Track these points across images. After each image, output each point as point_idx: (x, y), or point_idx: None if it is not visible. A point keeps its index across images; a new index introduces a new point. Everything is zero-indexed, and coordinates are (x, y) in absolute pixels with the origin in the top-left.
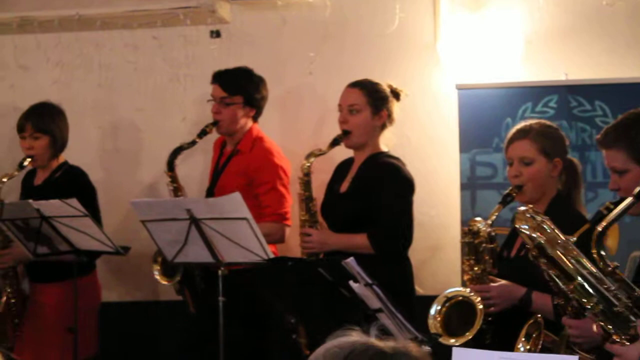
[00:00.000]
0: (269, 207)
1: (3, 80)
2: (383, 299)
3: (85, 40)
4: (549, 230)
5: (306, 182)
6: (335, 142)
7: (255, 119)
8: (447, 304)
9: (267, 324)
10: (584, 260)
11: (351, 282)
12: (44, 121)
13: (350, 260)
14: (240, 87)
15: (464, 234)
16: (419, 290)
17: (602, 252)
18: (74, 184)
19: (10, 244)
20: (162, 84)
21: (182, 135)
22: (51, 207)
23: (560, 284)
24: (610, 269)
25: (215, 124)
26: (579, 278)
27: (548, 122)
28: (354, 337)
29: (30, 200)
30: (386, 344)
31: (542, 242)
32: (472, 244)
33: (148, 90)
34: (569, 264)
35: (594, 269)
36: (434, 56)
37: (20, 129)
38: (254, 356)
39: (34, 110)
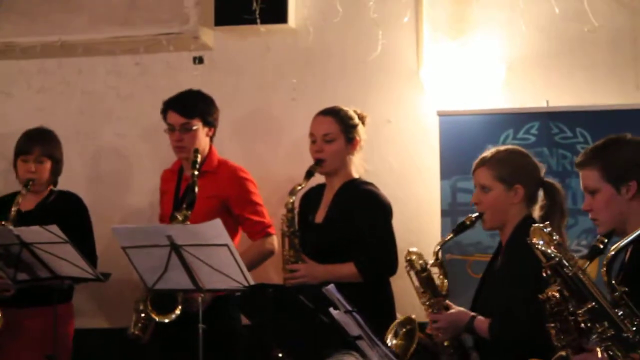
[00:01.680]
0: (257, 225)
1: None
2: (363, 326)
3: (67, 66)
4: (564, 248)
5: (290, 218)
6: (309, 174)
7: (212, 138)
8: (401, 332)
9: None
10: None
11: (331, 309)
12: (51, 146)
13: (331, 287)
14: (198, 109)
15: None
16: (399, 316)
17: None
18: (72, 207)
19: None
20: (144, 110)
21: (165, 161)
22: (31, 233)
23: (569, 305)
24: (617, 294)
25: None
26: (593, 301)
27: (515, 149)
28: None
29: (10, 227)
30: None
31: (560, 258)
32: (415, 273)
33: (130, 117)
34: (586, 285)
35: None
36: (417, 83)
37: (25, 151)
38: None
39: (38, 134)
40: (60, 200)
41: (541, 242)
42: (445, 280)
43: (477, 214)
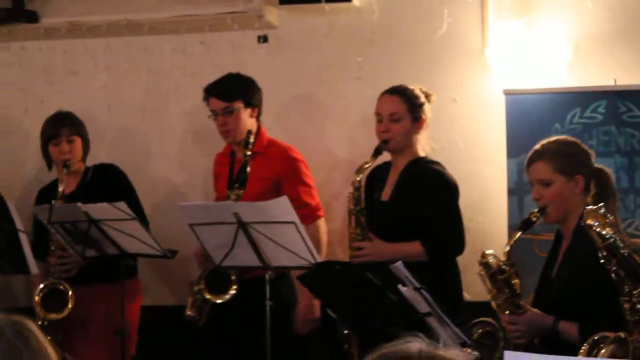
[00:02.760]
0: (306, 207)
1: (52, 85)
2: (432, 302)
3: (133, 45)
4: (618, 229)
5: (357, 196)
6: (377, 152)
7: (258, 118)
8: (475, 333)
9: (315, 331)
10: None
11: (400, 286)
12: (77, 125)
13: (399, 264)
14: (237, 91)
15: (479, 266)
16: (467, 296)
17: None
18: (112, 178)
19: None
20: None
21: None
22: (99, 210)
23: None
24: None
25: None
26: None
27: (567, 139)
28: (418, 344)
29: (79, 204)
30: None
31: (614, 239)
32: (489, 276)
33: (196, 95)
34: None
35: None
36: (482, 61)
37: (54, 135)
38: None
39: (61, 117)
40: (99, 174)
41: (596, 224)
42: (517, 280)
43: (539, 208)
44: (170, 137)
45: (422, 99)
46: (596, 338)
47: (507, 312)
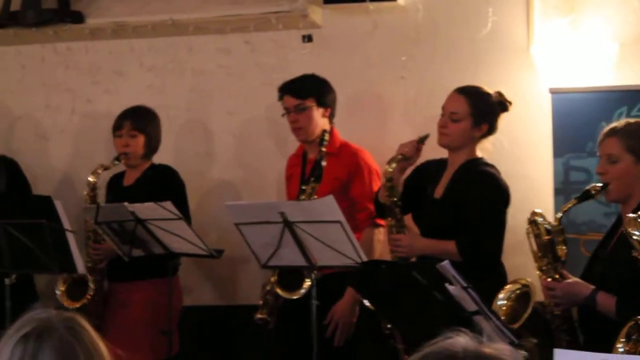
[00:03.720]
0: (365, 211)
1: (98, 85)
2: (479, 301)
3: (178, 45)
4: None
5: (390, 187)
6: (422, 139)
7: (331, 119)
8: (513, 295)
9: (360, 329)
10: None
11: (447, 285)
12: (142, 121)
13: (445, 264)
14: (310, 90)
15: (528, 225)
16: None
17: None
18: (166, 181)
19: (103, 240)
20: (254, 89)
21: (273, 140)
22: (146, 209)
23: None
24: None
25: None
26: None
27: None
28: (464, 340)
29: (126, 203)
30: (496, 351)
31: None
32: (535, 236)
33: (240, 95)
34: None
35: None
36: (528, 60)
37: (118, 127)
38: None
39: (131, 110)
40: (158, 174)
41: (637, 233)
42: (564, 247)
43: (601, 184)
44: (213, 137)
45: (493, 106)
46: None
47: (548, 278)
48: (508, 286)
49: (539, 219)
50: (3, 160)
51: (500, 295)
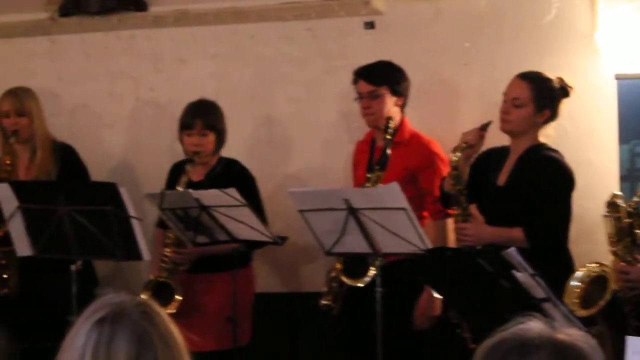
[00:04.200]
0: (438, 202)
1: (160, 73)
2: (547, 289)
3: (240, 32)
4: None
5: (456, 176)
6: (484, 126)
7: (402, 109)
8: (588, 279)
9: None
10: None
11: (515, 272)
12: (212, 118)
13: (512, 251)
14: (385, 77)
15: (606, 207)
16: None
17: None
18: (237, 177)
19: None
20: (316, 76)
21: (336, 127)
22: (210, 196)
23: None
24: None
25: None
26: None
27: None
28: (537, 326)
29: (190, 190)
30: (570, 337)
31: None
32: (613, 219)
33: (302, 82)
34: None
35: None
36: (592, 46)
37: (188, 125)
38: (412, 350)
39: (199, 107)
40: (228, 169)
41: None
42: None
43: None
44: (275, 124)
45: (555, 92)
46: None
47: (622, 262)
48: (584, 267)
49: (619, 201)
50: (60, 146)
51: (576, 275)
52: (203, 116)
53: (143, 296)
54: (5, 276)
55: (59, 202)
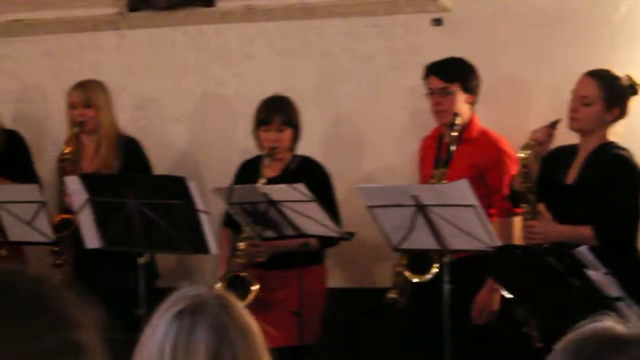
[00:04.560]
0: (507, 201)
1: (228, 69)
2: (620, 287)
3: (307, 28)
4: None
5: (525, 174)
6: (554, 124)
7: (472, 106)
8: None
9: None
10: None
11: (588, 270)
12: (290, 114)
13: (583, 249)
14: (457, 74)
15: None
16: None
17: None
18: (313, 174)
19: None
20: (382, 73)
21: (402, 124)
22: (278, 191)
23: None
24: None
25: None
26: None
27: None
28: (619, 325)
29: (258, 185)
30: None
31: None
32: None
33: (368, 79)
34: None
35: None
36: None
37: (266, 121)
38: (476, 347)
39: (277, 103)
40: (304, 166)
41: None
42: None
43: None
44: (341, 120)
45: (624, 89)
46: None
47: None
48: None
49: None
50: (125, 140)
51: None
52: (281, 112)
53: (218, 287)
54: (58, 262)
55: (128, 196)
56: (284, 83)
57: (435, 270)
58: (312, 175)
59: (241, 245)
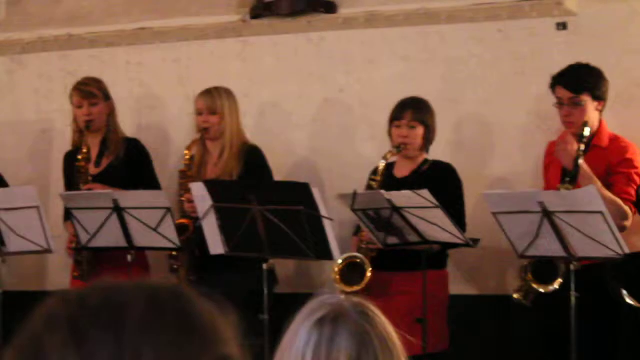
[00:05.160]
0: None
1: (350, 75)
2: None
3: (430, 33)
4: None
5: None
6: None
7: (601, 111)
8: None
9: (618, 320)
10: None
11: None
12: (422, 112)
13: None
14: (586, 84)
15: None
16: None
17: None
18: (445, 178)
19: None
20: (506, 78)
21: (526, 129)
22: (402, 198)
23: None
24: None
25: None
26: None
27: None
28: None
29: (382, 191)
30: None
31: None
32: None
33: (493, 84)
34: None
35: None
36: None
37: (397, 117)
38: (603, 352)
39: (410, 100)
40: (435, 170)
41: None
42: None
43: None
44: (464, 125)
45: None
46: None
47: None
48: None
49: None
50: (248, 148)
51: None
52: (413, 108)
53: (334, 273)
54: (176, 266)
55: (252, 202)
56: (406, 89)
57: (560, 281)
58: (444, 179)
59: (362, 234)
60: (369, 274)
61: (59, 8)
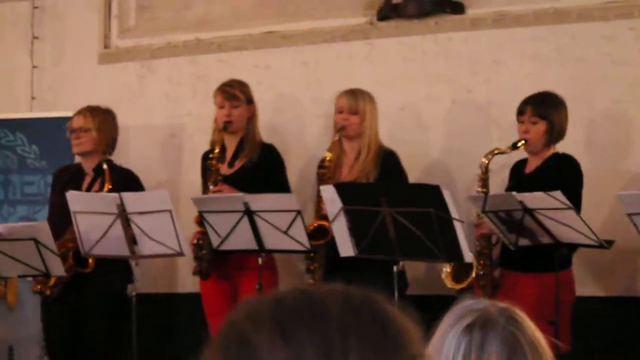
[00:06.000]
0: None
1: (477, 75)
2: None
3: (560, 33)
4: None
5: None
6: None
7: None
8: None
9: None
10: None
11: None
12: (545, 107)
13: None
14: None
15: None
16: None
17: None
18: (567, 173)
19: None
20: (639, 77)
21: None
22: (534, 199)
23: None
24: None
25: None
26: None
27: None
28: None
29: (514, 193)
30: None
31: None
32: None
33: (624, 83)
34: None
35: None
36: None
37: (520, 111)
38: None
39: (535, 96)
40: (560, 162)
41: None
42: None
43: None
44: (598, 126)
45: None
46: None
47: None
48: None
49: None
50: (384, 151)
51: None
52: (534, 104)
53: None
54: (312, 267)
55: (382, 204)
56: (534, 89)
57: None
58: (563, 170)
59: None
60: (473, 274)
61: (187, 13)
